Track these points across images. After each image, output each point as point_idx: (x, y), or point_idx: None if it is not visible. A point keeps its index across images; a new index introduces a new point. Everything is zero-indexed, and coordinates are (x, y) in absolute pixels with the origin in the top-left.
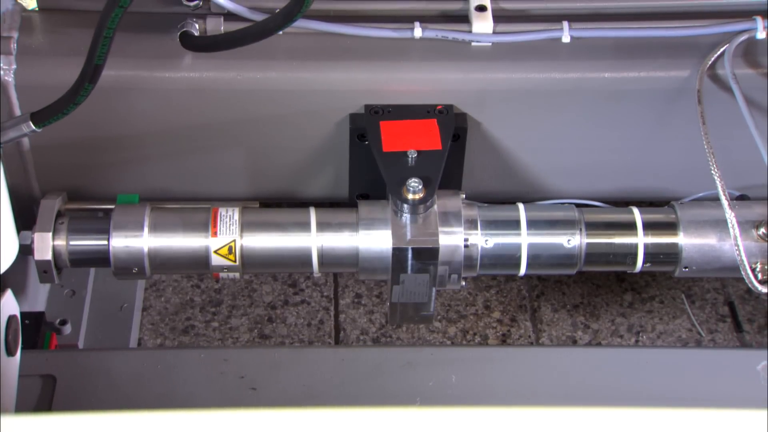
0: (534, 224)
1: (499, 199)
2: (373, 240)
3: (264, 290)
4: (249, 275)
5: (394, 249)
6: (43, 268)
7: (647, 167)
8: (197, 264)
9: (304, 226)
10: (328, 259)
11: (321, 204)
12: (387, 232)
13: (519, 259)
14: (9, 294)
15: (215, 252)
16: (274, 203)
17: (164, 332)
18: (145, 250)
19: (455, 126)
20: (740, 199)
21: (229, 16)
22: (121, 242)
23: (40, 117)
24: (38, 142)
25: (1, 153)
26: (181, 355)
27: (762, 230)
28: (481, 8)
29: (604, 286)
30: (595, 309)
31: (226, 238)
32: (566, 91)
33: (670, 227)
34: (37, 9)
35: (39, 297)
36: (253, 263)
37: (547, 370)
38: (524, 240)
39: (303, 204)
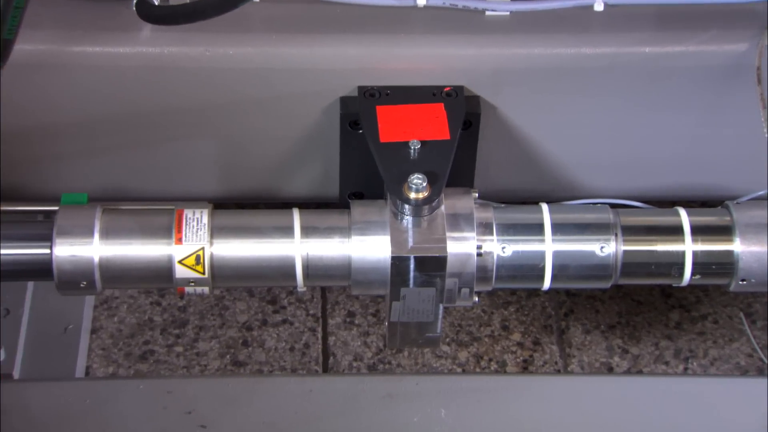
0: (560, 228)
1: (518, 199)
2: (369, 247)
3: (238, 308)
4: (220, 290)
5: (393, 258)
6: None
7: (696, 160)
8: (158, 276)
9: (287, 231)
10: (314, 270)
11: (306, 204)
12: (385, 237)
13: (543, 269)
14: None
15: (180, 262)
16: (251, 203)
17: (117, 359)
18: (96, 260)
19: (466, 111)
20: None
21: None
22: (66, 250)
23: None
24: None
25: None
26: (116, 386)
27: None
28: None
29: (647, 303)
30: (636, 330)
31: (193, 245)
32: (599, 69)
33: (724, 232)
34: None
35: None
36: (225, 275)
37: (577, 403)
38: (549, 247)
39: (285, 204)
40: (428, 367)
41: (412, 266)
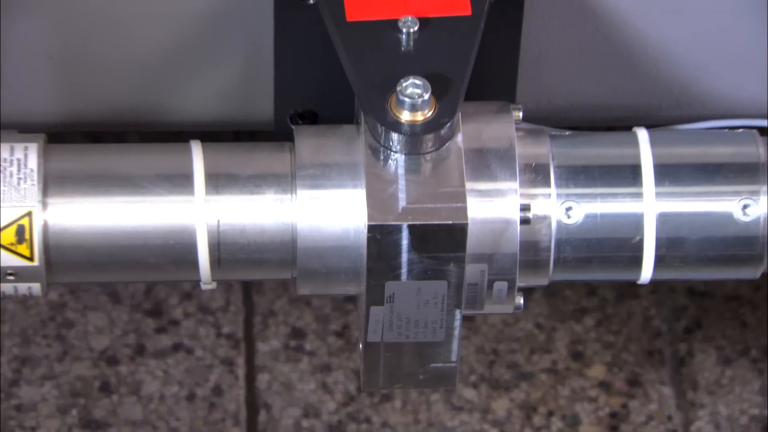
0: (670, 173)
1: (595, 122)
2: (328, 210)
3: (93, 323)
4: (61, 289)
5: (371, 228)
6: None
7: None
8: None
9: (180, 182)
10: (231, 251)
11: (217, 134)
12: (356, 193)
13: (640, 247)
14: None
15: None
16: (115, 133)
17: None
18: None
19: None
20: None
21: None
22: None
23: None
24: None
25: None
26: None
27: None
28: None
29: None
30: None
31: (13, 208)
32: None
33: None
34: None
35: None
36: (69, 262)
37: None
38: (650, 207)
39: (176, 135)
40: (438, 428)
41: (404, 243)
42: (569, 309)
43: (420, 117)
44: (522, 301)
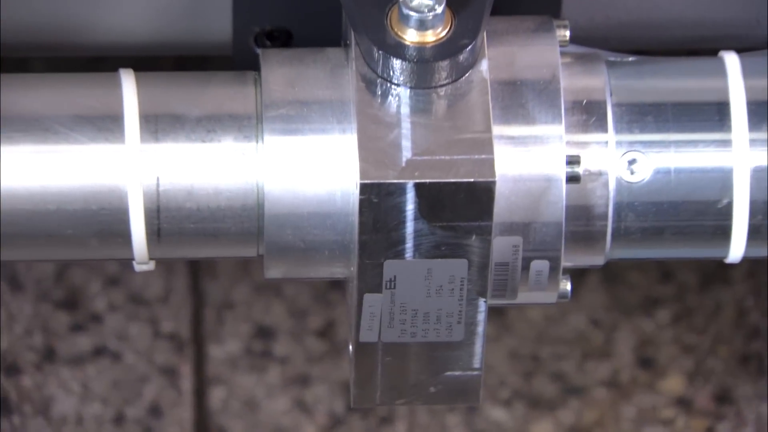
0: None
1: (667, 42)
2: (305, 163)
3: None
4: None
5: (365, 188)
6: None
7: None
8: None
9: (106, 125)
10: (175, 219)
11: (153, 62)
12: (345, 140)
13: (728, 214)
14: None
15: None
16: (15, 61)
17: None
18: None
19: None
20: None
21: None
22: None
23: None
24: None
25: None
26: None
27: None
28: None
29: None
30: None
31: None
32: None
33: None
34: None
35: None
36: None
37: None
38: (741, 159)
39: (100, 63)
40: None
41: (410, 208)
42: (636, 299)
43: (431, 37)
44: (569, 288)
